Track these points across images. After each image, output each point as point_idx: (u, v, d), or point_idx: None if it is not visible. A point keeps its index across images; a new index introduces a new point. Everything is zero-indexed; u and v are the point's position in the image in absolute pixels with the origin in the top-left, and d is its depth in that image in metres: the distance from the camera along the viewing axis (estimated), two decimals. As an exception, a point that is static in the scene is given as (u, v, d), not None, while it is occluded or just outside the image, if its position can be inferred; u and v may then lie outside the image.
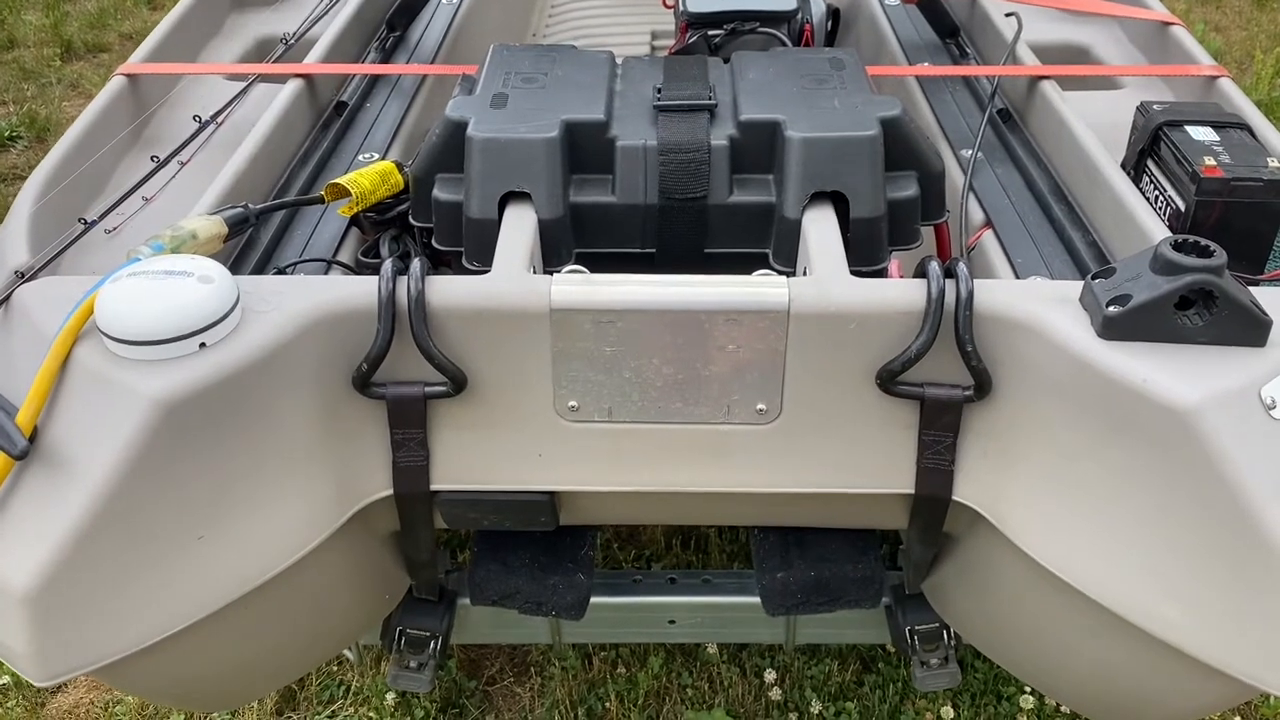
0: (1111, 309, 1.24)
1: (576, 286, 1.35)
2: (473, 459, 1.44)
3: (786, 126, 1.53)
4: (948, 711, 2.56)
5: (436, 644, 1.96)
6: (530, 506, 1.51)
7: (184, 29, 2.31)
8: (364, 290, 1.34)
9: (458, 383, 1.37)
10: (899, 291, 1.34)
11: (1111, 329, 1.25)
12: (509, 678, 2.71)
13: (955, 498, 1.45)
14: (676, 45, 2.87)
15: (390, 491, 1.46)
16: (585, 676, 2.68)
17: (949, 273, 1.33)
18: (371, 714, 2.61)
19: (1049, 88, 1.94)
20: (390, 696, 2.60)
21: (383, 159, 1.93)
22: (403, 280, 1.33)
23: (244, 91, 2.02)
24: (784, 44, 2.54)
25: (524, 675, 2.70)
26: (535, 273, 1.44)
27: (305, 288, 1.35)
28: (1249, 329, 1.24)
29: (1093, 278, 1.30)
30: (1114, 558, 1.30)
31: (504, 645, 2.71)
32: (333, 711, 2.61)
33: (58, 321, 1.28)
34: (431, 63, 2.32)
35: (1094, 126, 1.83)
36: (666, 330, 1.35)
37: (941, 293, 1.31)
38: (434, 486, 1.46)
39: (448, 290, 1.34)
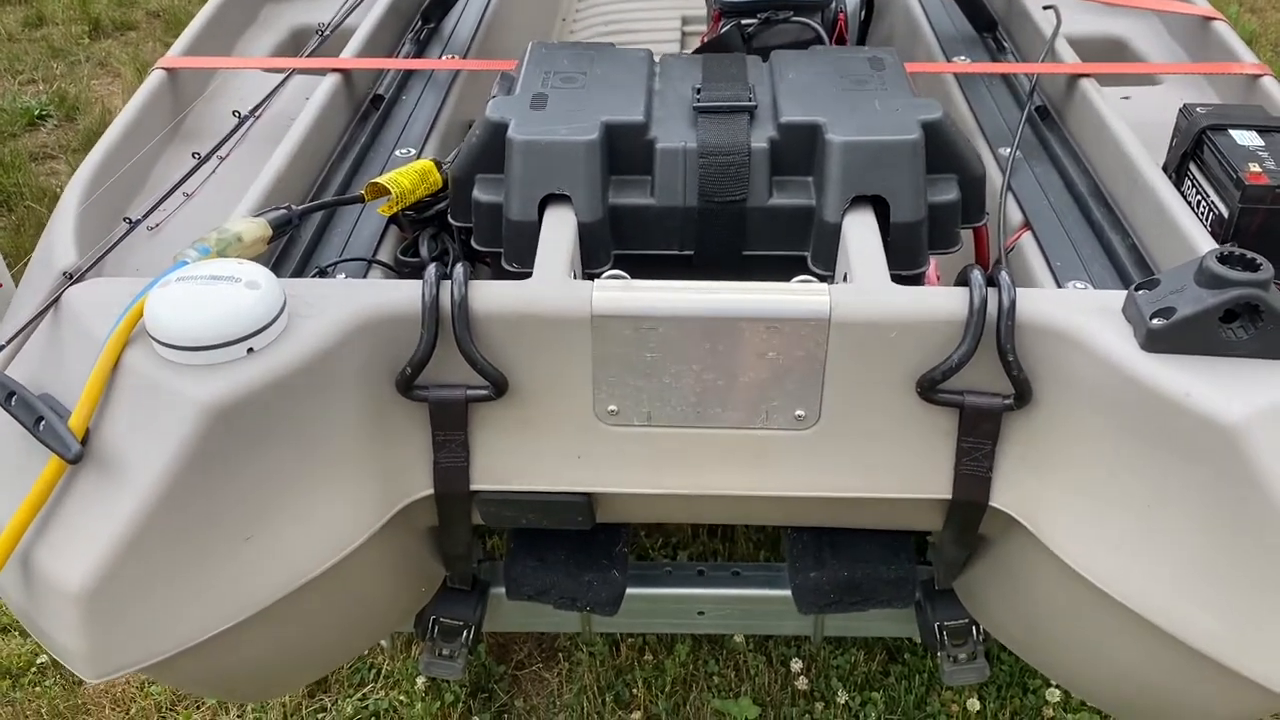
0: (1155, 321, 1.24)
1: (618, 292, 1.35)
2: (512, 460, 1.46)
3: (827, 129, 1.52)
4: (973, 704, 2.57)
5: (469, 633, 1.98)
6: (568, 507, 1.53)
7: (220, 20, 2.32)
8: (408, 295, 1.35)
9: (499, 386, 1.38)
10: (941, 300, 1.34)
11: (1155, 341, 1.24)
12: (537, 663, 2.74)
13: (992, 504, 1.45)
14: (709, 34, 2.86)
15: (431, 491, 1.47)
16: (613, 663, 2.71)
17: (991, 281, 1.33)
18: (402, 698, 2.65)
19: (1089, 86, 1.92)
20: (421, 680, 2.63)
21: (420, 155, 1.94)
22: (446, 285, 1.34)
23: (281, 85, 2.03)
24: (817, 33, 2.52)
25: (552, 660, 2.73)
26: (576, 277, 1.45)
27: (349, 292, 1.36)
28: (1294, 343, 1.23)
29: (1136, 289, 1.30)
30: (1153, 568, 1.30)
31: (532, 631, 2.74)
32: (364, 695, 2.65)
33: (107, 325, 1.30)
34: (465, 54, 2.32)
35: (1133, 124, 1.82)
36: (707, 337, 1.36)
37: (984, 302, 1.31)
38: (474, 486, 1.48)
39: (491, 295, 1.35)
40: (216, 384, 1.24)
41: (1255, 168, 1.49)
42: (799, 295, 1.35)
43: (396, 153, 1.93)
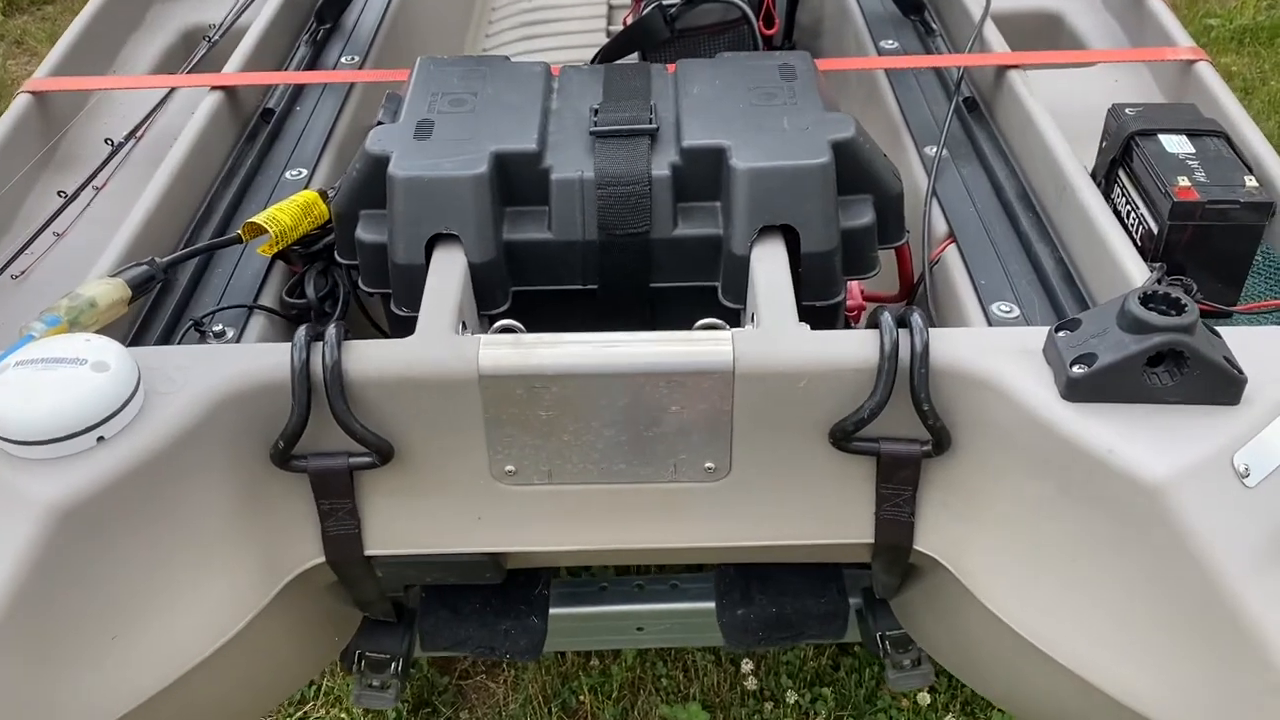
0: (1076, 369, 1.16)
1: (506, 349, 1.26)
2: (407, 525, 1.37)
3: (731, 154, 1.42)
4: (924, 697, 2.54)
5: (399, 664, 1.91)
6: (473, 566, 1.44)
7: (99, 28, 2.15)
8: (276, 361, 1.25)
9: (384, 454, 1.29)
10: (852, 346, 1.25)
11: (1076, 391, 1.16)
12: (481, 672, 2.68)
13: (916, 547, 1.38)
14: (631, 14, 2.73)
15: (322, 559, 1.38)
16: (559, 670, 2.66)
17: (902, 322, 1.24)
18: (343, 715, 2.58)
19: (1016, 79, 1.82)
20: (360, 702, 2.56)
21: (314, 174, 1.82)
22: (317, 348, 1.24)
23: (161, 104, 1.89)
24: (743, 12, 2.40)
25: (497, 670, 2.67)
26: (466, 326, 1.35)
27: (213, 361, 1.25)
28: (1222, 387, 1.15)
29: (1057, 329, 1.22)
30: (1077, 622, 1.24)
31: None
32: (304, 713, 2.58)
33: None
34: (366, 55, 2.18)
35: (1063, 112, 1.73)
36: (604, 393, 1.27)
37: (895, 347, 1.22)
38: (368, 552, 1.39)
39: (367, 357, 1.25)
40: (62, 480, 1.13)
41: (1184, 181, 1.40)
42: (700, 346, 1.26)
43: (287, 174, 1.80)
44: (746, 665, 2.61)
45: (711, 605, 1.98)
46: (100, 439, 1.16)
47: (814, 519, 1.38)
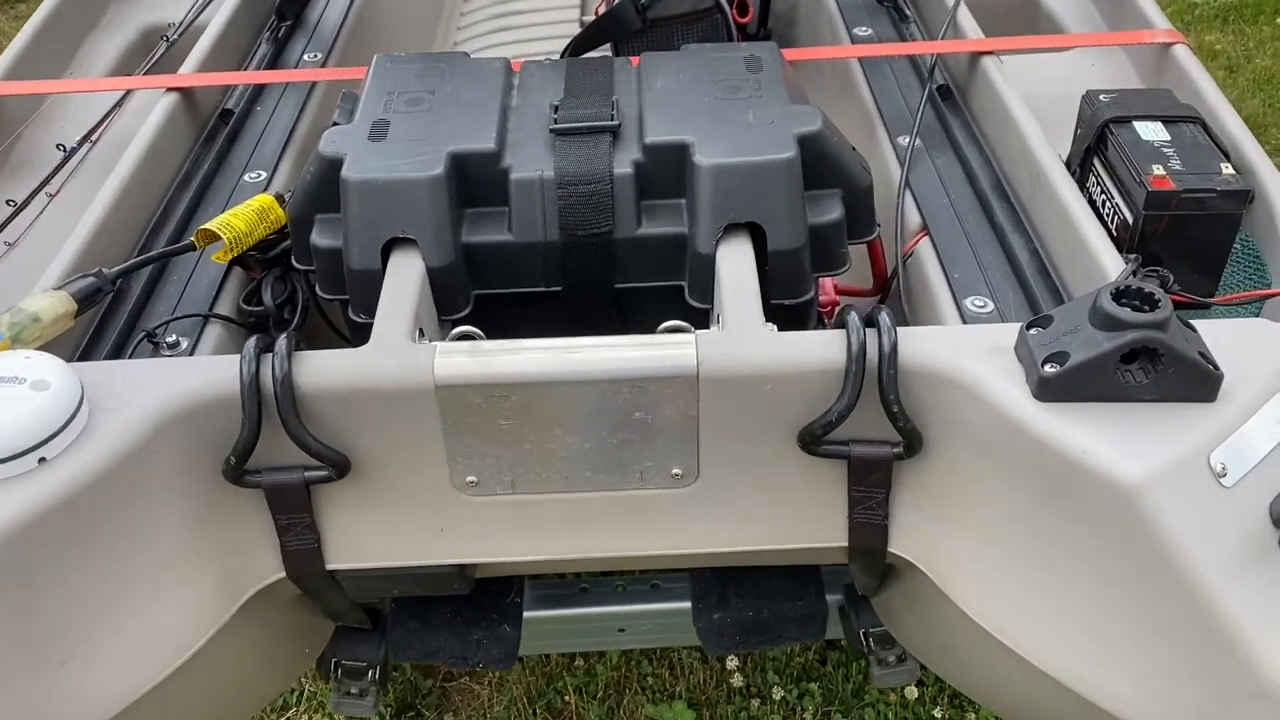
0: (1048, 369, 1.12)
1: (463, 358, 1.22)
2: (368, 538, 1.33)
3: (695, 150, 1.38)
4: (912, 691, 2.52)
5: (376, 671, 1.87)
6: (439, 578, 1.41)
7: (54, 29, 2.10)
8: (226, 374, 1.21)
9: (340, 468, 1.25)
10: (818, 348, 1.21)
11: (1048, 390, 1.13)
12: (466, 675, 2.65)
13: (891, 550, 1.35)
14: (602, 5, 2.69)
15: (283, 575, 1.35)
16: (544, 670, 2.63)
17: (870, 322, 1.21)
18: (325, 719, 2.55)
19: (991, 65, 1.78)
20: (341, 707, 2.53)
21: (274, 176, 1.78)
22: (267, 360, 1.20)
23: (117, 107, 1.84)
24: (715, 1, 2.37)
25: (481, 671, 2.64)
26: (423, 334, 1.31)
27: (160, 375, 1.21)
28: (1198, 384, 1.12)
29: (1029, 326, 1.18)
30: (1053, 625, 1.21)
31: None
32: (289, 718, 2.55)
33: None
34: (330, 52, 2.13)
35: (1039, 97, 1.69)
36: (566, 401, 1.23)
37: (863, 348, 1.18)
38: (330, 566, 1.35)
39: (319, 369, 1.21)
40: (2, 504, 1.09)
41: (1159, 170, 1.36)
42: (663, 350, 1.22)
43: (246, 177, 1.76)
44: (732, 662, 2.58)
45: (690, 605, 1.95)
46: (42, 460, 1.12)
47: (785, 523, 1.34)
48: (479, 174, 1.41)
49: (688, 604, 1.95)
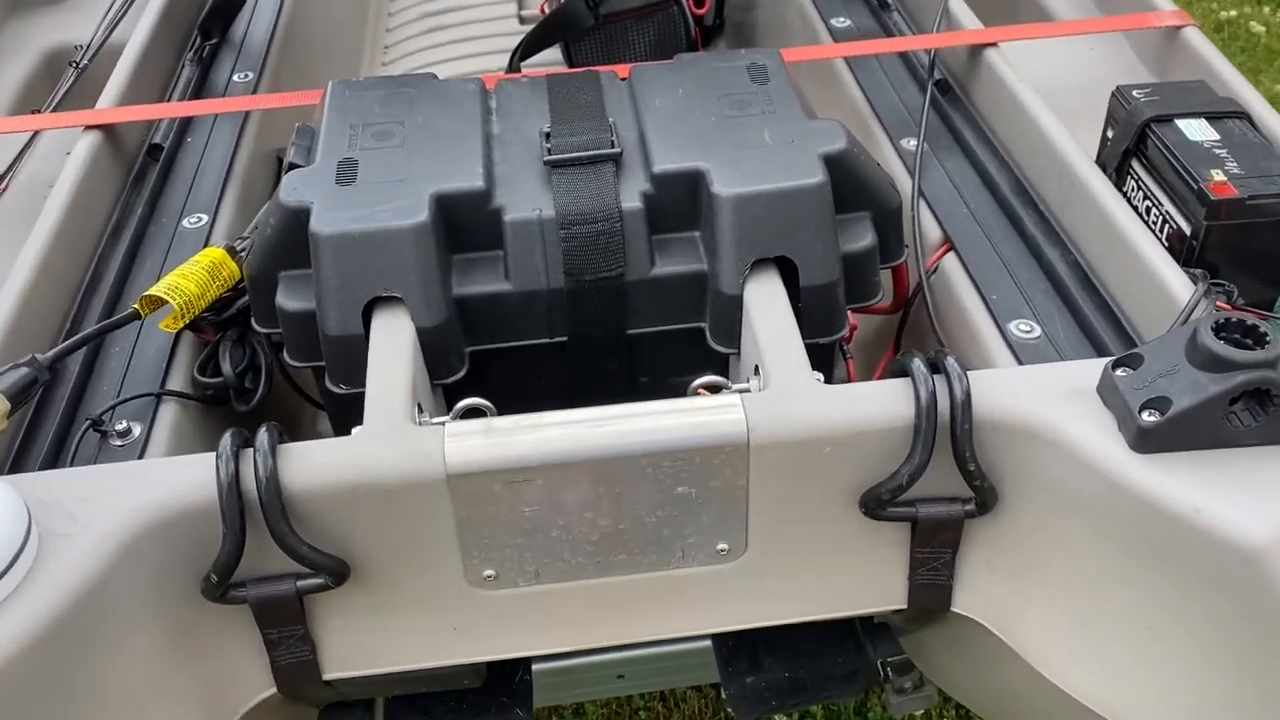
0: (1148, 416, 1.00)
1: (477, 440, 1.05)
2: (370, 644, 1.16)
3: (712, 179, 1.22)
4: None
5: None
6: (449, 676, 1.25)
7: None
8: (199, 478, 1.02)
9: (338, 575, 1.08)
10: (881, 402, 1.07)
11: (1148, 441, 1.01)
12: None
13: (954, 609, 1.22)
14: (547, 3, 2.51)
15: (274, 691, 1.17)
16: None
17: (935, 367, 1.07)
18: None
19: (997, 58, 1.65)
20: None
21: (216, 218, 1.57)
22: (247, 457, 1.02)
23: (27, 148, 1.62)
24: None
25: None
26: (420, 409, 1.13)
27: (119, 485, 1.03)
28: (1311, 425, 1.01)
29: (1114, 366, 1.05)
30: (1156, 696, 1.09)
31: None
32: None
33: None
34: (262, 69, 1.92)
35: (1038, 89, 1.57)
36: (598, 480, 1.07)
37: (933, 399, 1.05)
38: (327, 676, 1.18)
39: (309, 465, 1.03)
40: None
41: (1219, 176, 1.24)
42: (707, 416, 1.07)
43: (185, 223, 1.55)
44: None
45: (691, 646, 1.81)
46: (-14, 607, 0.93)
47: (840, 591, 1.21)
48: (468, 217, 1.24)
49: (685, 646, 1.81)
